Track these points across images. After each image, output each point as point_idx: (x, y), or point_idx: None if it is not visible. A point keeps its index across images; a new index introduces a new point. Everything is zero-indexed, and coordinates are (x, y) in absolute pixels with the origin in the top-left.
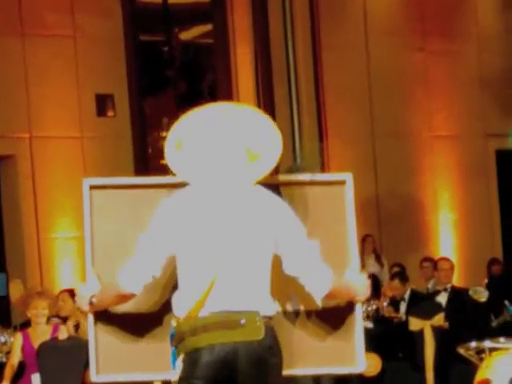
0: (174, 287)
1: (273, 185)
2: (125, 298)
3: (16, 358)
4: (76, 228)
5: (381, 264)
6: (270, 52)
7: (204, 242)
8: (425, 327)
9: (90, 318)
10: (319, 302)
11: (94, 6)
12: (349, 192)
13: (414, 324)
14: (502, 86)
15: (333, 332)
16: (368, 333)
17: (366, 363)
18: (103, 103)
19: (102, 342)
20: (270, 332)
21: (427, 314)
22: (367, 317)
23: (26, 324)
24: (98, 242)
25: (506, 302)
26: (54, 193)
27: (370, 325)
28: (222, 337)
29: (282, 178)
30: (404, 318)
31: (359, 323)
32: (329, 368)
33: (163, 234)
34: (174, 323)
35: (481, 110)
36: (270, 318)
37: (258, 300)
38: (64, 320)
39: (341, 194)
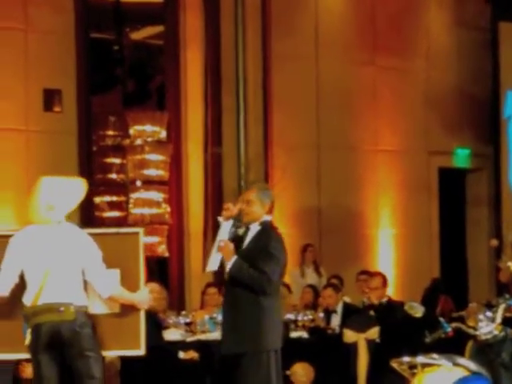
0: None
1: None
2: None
3: None
4: (14, 223)
5: (319, 274)
6: (220, 57)
7: (37, 260)
8: (359, 340)
9: None
10: (105, 298)
11: (46, 1)
12: (140, 241)
13: (349, 336)
14: (448, 104)
15: (125, 326)
16: (303, 343)
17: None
18: (51, 98)
19: None
20: (81, 314)
21: (362, 327)
22: (303, 327)
23: None
24: None
25: (441, 319)
26: None
27: (304, 335)
28: (50, 318)
29: (100, 230)
30: (338, 329)
31: (142, 321)
32: (120, 351)
33: (14, 258)
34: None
35: (425, 126)
36: (80, 306)
37: (72, 296)
38: None
39: (136, 241)
